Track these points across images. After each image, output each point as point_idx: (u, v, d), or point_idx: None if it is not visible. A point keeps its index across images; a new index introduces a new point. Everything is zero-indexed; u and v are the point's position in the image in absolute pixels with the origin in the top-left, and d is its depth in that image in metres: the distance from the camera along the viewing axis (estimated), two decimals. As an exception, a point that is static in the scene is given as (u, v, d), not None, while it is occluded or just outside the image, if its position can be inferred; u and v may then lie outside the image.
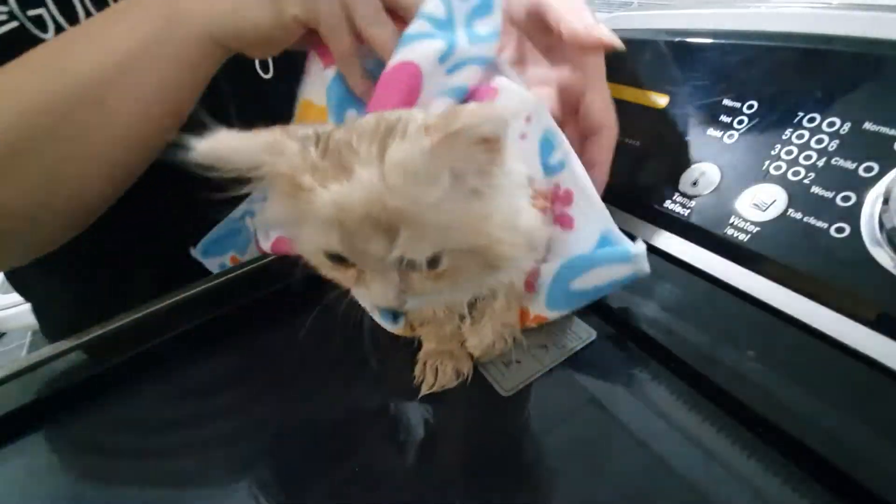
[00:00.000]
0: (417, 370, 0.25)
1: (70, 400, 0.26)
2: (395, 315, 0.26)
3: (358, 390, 0.26)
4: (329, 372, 0.27)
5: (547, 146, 0.24)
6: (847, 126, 0.23)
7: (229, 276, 0.32)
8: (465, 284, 0.20)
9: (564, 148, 0.24)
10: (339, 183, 0.16)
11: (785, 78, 0.27)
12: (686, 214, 0.28)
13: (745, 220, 0.25)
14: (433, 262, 0.18)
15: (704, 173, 0.28)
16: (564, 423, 0.22)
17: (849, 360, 0.20)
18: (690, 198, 0.28)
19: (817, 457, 0.18)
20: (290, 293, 0.31)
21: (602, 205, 0.23)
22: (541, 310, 0.24)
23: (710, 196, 0.27)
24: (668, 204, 0.29)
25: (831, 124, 0.24)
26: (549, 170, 0.24)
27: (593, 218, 0.23)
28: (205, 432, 0.25)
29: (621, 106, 0.34)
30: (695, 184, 0.28)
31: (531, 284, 0.24)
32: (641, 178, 0.31)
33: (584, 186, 0.23)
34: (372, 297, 0.19)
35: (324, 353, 0.29)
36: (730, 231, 0.25)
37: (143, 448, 0.24)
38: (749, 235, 0.25)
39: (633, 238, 0.22)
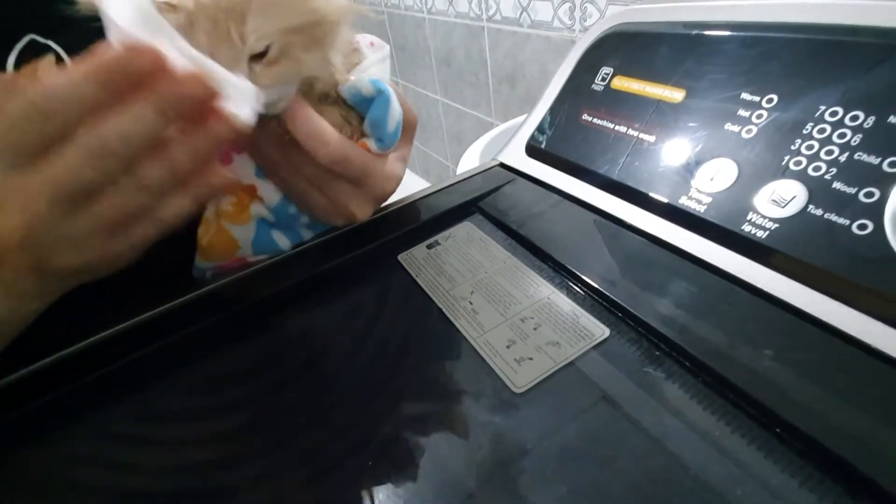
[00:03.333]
0: None
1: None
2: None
3: (366, 388, 0.26)
4: (333, 370, 0.28)
5: None
6: (871, 120, 0.23)
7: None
8: (296, 69, 0.25)
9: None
10: None
11: (806, 70, 0.26)
12: (702, 210, 0.27)
13: (764, 217, 0.25)
14: (266, 52, 0.23)
15: (721, 169, 0.27)
16: (577, 420, 0.22)
17: (870, 360, 0.20)
18: (707, 194, 0.27)
19: (836, 458, 0.18)
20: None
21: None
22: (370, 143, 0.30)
23: (727, 192, 0.27)
24: (683, 200, 0.28)
25: (854, 118, 0.23)
26: None
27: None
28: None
29: (636, 101, 0.33)
30: (712, 179, 0.27)
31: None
32: (657, 174, 0.30)
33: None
34: None
35: (325, 350, 0.29)
36: (747, 228, 0.25)
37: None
38: (767, 232, 0.24)
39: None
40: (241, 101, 0.21)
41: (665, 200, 0.29)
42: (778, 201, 0.24)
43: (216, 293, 0.32)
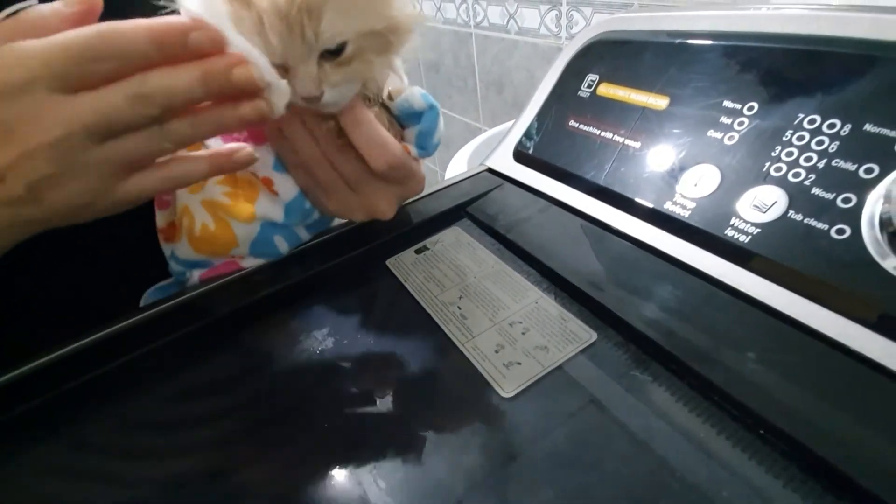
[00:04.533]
0: None
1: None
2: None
3: (354, 394, 0.26)
4: (320, 376, 0.27)
5: None
6: (848, 127, 0.23)
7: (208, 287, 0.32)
8: (365, 70, 0.25)
9: None
10: None
11: (785, 79, 0.27)
12: (687, 216, 0.28)
13: (746, 222, 0.25)
14: (340, 51, 0.23)
15: (705, 174, 0.28)
16: (565, 424, 0.22)
17: (849, 362, 0.20)
18: (691, 199, 0.28)
19: (818, 458, 0.18)
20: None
21: None
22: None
23: (710, 197, 0.27)
24: (668, 205, 0.29)
25: (832, 126, 0.24)
26: None
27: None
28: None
29: (621, 108, 0.34)
30: (695, 185, 0.28)
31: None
32: (642, 179, 0.31)
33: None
34: (299, 87, 0.24)
35: (313, 356, 0.29)
36: (730, 232, 0.25)
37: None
38: (750, 237, 0.25)
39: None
40: (278, 97, 0.23)
41: (650, 205, 0.29)
42: (759, 206, 0.25)
43: (200, 299, 0.31)
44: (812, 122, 0.25)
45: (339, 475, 0.22)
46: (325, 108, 0.26)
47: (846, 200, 0.22)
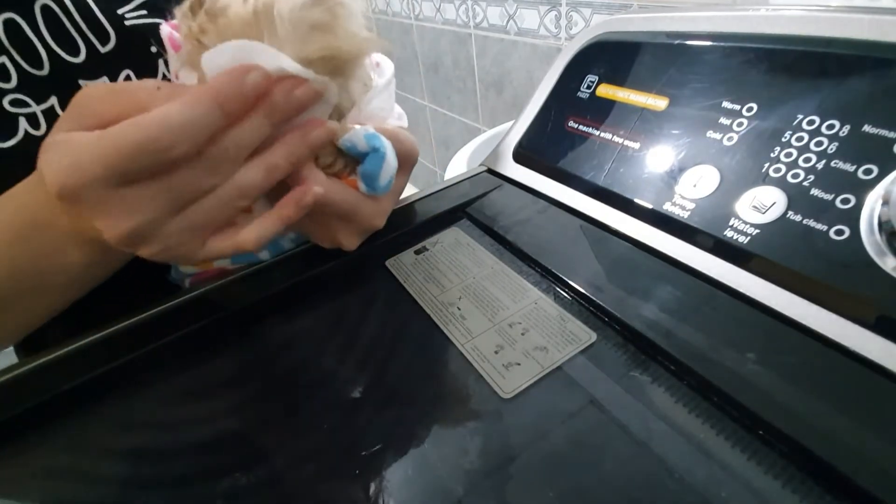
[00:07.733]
0: None
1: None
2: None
3: (353, 395, 0.26)
4: (320, 377, 0.27)
5: None
6: (846, 128, 0.23)
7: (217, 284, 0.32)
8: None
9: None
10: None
11: (784, 80, 0.27)
12: (686, 216, 0.28)
13: (745, 223, 0.25)
14: None
15: (704, 175, 0.28)
16: (564, 425, 0.22)
17: (848, 362, 0.20)
18: (690, 200, 0.28)
19: (817, 459, 0.18)
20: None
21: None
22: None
23: (710, 198, 0.27)
24: (667, 206, 0.29)
25: (830, 126, 0.24)
26: None
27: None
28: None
29: (621, 108, 0.34)
30: (695, 186, 0.28)
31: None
32: (642, 180, 0.31)
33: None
34: None
35: (312, 357, 0.29)
36: (729, 233, 0.25)
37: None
38: (749, 238, 0.25)
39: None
40: (333, 97, 0.23)
41: (650, 206, 0.30)
42: (759, 207, 0.25)
43: (199, 300, 0.31)
44: (811, 122, 0.25)
45: (339, 476, 0.22)
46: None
47: (845, 201, 0.22)
